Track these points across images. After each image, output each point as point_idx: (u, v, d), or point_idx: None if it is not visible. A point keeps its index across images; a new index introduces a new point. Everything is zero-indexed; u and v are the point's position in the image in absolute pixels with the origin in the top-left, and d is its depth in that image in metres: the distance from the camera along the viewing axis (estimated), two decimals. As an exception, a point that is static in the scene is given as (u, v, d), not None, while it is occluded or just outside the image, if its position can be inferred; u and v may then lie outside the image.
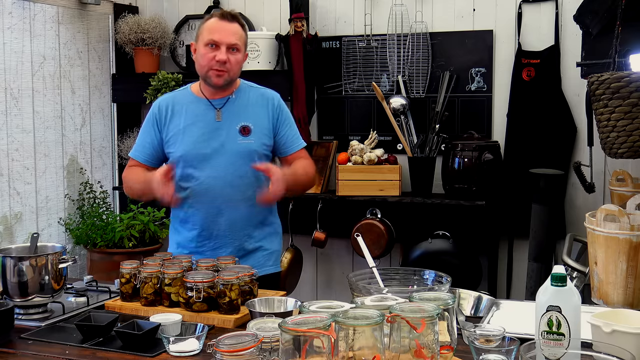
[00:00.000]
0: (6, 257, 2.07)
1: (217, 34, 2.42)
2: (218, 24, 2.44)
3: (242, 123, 2.48)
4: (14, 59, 3.66)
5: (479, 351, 1.60)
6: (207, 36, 2.43)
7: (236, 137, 2.47)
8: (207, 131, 2.47)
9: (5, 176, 3.62)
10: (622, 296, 2.25)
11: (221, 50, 2.42)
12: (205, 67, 2.45)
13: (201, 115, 2.50)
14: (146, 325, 1.86)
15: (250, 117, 2.50)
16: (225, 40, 2.42)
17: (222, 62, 2.41)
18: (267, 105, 2.54)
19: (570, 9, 3.50)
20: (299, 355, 1.41)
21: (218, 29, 2.43)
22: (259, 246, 2.55)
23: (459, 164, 3.62)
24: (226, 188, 2.45)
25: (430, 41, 3.86)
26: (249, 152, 2.47)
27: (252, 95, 2.56)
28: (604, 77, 2.60)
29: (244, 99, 2.54)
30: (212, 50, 2.42)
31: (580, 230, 3.35)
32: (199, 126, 2.48)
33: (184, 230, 2.55)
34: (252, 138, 2.48)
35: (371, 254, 2.31)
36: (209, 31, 2.44)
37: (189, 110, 2.51)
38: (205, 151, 2.45)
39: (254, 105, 2.53)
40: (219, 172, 2.45)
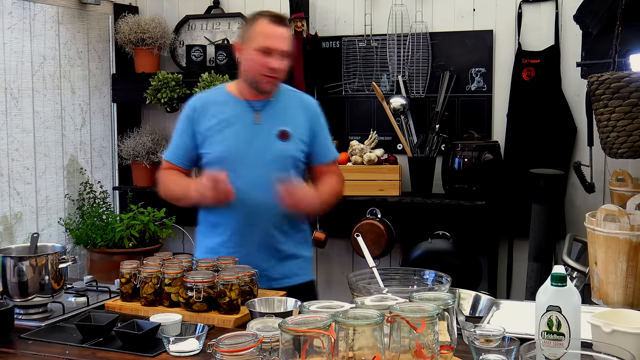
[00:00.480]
0: (6, 257, 2.07)
1: (270, 40, 2.33)
2: (271, 29, 2.34)
3: (281, 127, 2.40)
4: (14, 59, 3.66)
5: (479, 351, 1.60)
6: (260, 41, 2.33)
7: (275, 142, 2.39)
8: (245, 133, 2.39)
9: (5, 176, 3.62)
10: (622, 296, 2.25)
11: (274, 57, 2.33)
12: (255, 72, 2.35)
13: (239, 116, 2.41)
14: (146, 325, 1.86)
15: (289, 122, 2.42)
16: (279, 47, 2.34)
17: (275, 69, 2.34)
18: (306, 111, 2.48)
19: (570, 9, 3.50)
20: (299, 355, 1.41)
21: (271, 35, 2.33)
22: (292, 254, 2.47)
23: (459, 164, 3.62)
24: (261, 193, 2.35)
25: (430, 41, 3.86)
26: (286, 157, 2.40)
27: (291, 100, 2.48)
28: (604, 77, 2.60)
29: (284, 102, 2.46)
30: (264, 56, 2.33)
31: (580, 230, 3.35)
32: (236, 128, 2.40)
33: (214, 235, 2.45)
34: (291, 143, 2.41)
35: (371, 254, 2.31)
36: (263, 36, 2.33)
37: (227, 111, 2.42)
38: (242, 154, 2.38)
39: (294, 110, 2.46)
40: (255, 176, 2.36)
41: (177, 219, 4.11)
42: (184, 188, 2.39)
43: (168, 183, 2.48)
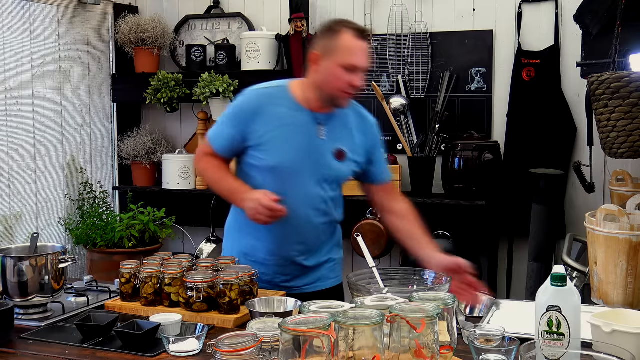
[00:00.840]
0: (6, 257, 2.07)
1: (356, 57, 2.20)
2: (357, 45, 2.21)
3: (338, 146, 2.31)
4: (14, 59, 3.66)
5: (479, 351, 1.60)
6: (346, 58, 2.19)
7: (330, 160, 2.30)
8: (306, 146, 2.28)
9: (5, 176, 3.62)
10: (622, 296, 2.25)
11: (358, 75, 2.22)
12: (336, 89, 2.22)
13: (303, 127, 2.28)
14: (146, 325, 1.86)
15: (347, 141, 2.33)
16: (364, 65, 2.22)
17: (357, 87, 2.23)
18: (365, 131, 2.39)
19: (570, 9, 3.50)
20: (299, 355, 1.41)
21: (357, 51, 2.20)
22: (326, 259, 2.44)
23: (459, 164, 3.62)
24: (308, 209, 2.31)
25: (430, 41, 3.86)
26: (339, 177, 2.35)
27: (352, 116, 2.37)
28: (604, 77, 2.60)
29: (344, 118, 2.35)
30: (348, 73, 2.20)
31: (580, 230, 3.35)
32: (298, 139, 2.28)
33: (251, 237, 2.37)
34: (345, 164, 2.33)
35: (371, 254, 2.31)
36: (349, 52, 2.19)
37: (289, 118, 2.28)
38: (298, 167, 2.27)
39: (353, 128, 2.36)
40: (306, 193, 2.29)
41: (177, 219, 4.11)
42: (232, 191, 2.30)
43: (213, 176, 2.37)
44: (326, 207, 2.35)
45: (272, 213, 2.17)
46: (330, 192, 2.34)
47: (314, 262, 2.41)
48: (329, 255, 2.45)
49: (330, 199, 2.35)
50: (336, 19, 2.33)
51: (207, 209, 4.08)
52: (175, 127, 4.47)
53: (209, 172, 2.39)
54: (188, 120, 4.40)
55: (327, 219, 2.38)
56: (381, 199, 2.49)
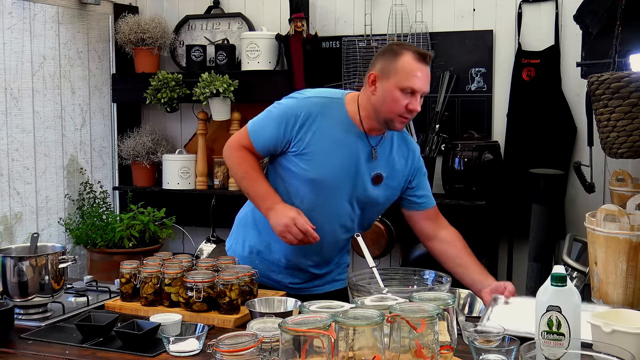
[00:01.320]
0: (6, 257, 2.07)
1: (418, 81, 2.14)
2: (417, 68, 2.14)
3: (377, 170, 2.27)
4: (14, 59, 3.66)
5: (479, 351, 1.60)
6: (405, 81, 2.13)
7: (367, 184, 2.26)
8: (351, 167, 2.23)
9: (5, 176, 3.62)
10: (622, 296, 2.25)
11: (417, 99, 2.16)
12: (393, 112, 2.16)
13: (352, 146, 2.23)
14: (146, 325, 1.86)
15: (387, 166, 2.29)
16: (424, 90, 2.16)
17: (415, 112, 2.17)
18: (407, 156, 2.34)
19: (570, 9, 3.50)
20: (299, 355, 1.41)
21: (418, 74, 2.14)
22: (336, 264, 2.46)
23: (459, 164, 3.61)
24: (335, 225, 2.30)
25: (430, 41, 3.86)
26: (372, 201, 2.31)
27: (395, 141, 2.32)
28: (604, 77, 2.60)
29: (389, 142, 2.30)
30: (407, 97, 2.14)
31: (580, 230, 3.35)
32: (345, 158, 2.23)
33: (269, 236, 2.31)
34: (380, 188, 2.29)
35: (371, 254, 2.31)
36: (409, 75, 2.13)
37: (340, 134, 2.22)
38: (338, 187, 2.24)
39: (395, 153, 2.31)
40: (337, 211, 2.27)
41: (177, 219, 4.11)
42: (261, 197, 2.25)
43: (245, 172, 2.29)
44: (351, 225, 2.35)
45: (304, 237, 2.15)
46: (358, 211, 2.32)
47: (325, 271, 2.43)
48: (339, 261, 2.48)
49: (357, 217, 2.34)
50: (398, 42, 2.29)
51: (207, 209, 4.08)
52: (175, 127, 4.47)
53: (242, 167, 2.29)
54: (188, 120, 4.40)
55: (349, 235, 2.39)
56: (424, 226, 2.45)
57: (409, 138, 2.39)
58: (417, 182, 2.38)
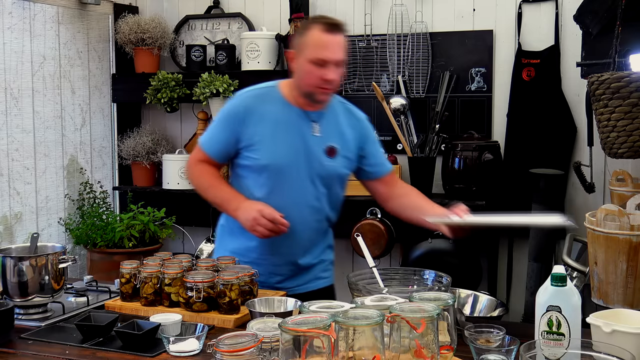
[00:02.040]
0: (6, 257, 2.07)
1: (325, 51, 2.20)
2: (325, 39, 2.20)
3: (329, 143, 2.32)
4: (14, 59, 3.66)
5: (479, 351, 1.60)
6: (314, 53, 2.20)
7: (322, 158, 2.31)
8: (299, 145, 2.29)
9: (5, 176, 3.62)
10: (622, 296, 2.25)
11: (329, 68, 2.21)
12: (311, 85, 2.24)
13: (294, 125, 2.30)
14: (146, 325, 1.86)
15: (337, 138, 2.34)
16: (334, 58, 2.21)
17: (331, 81, 2.22)
18: (355, 127, 2.39)
19: (570, 9, 3.50)
20: (299, 355, 1.41)
21: (326, 45, 2.20)
22: (318, 260, 2.45)
23: (459, 164, 3.61)
24: (303, 208, 2.32)
25: (430, 41, 3.86)
26: (331, 174, 2.34)
27: (340, 113, 2.38)
28: (604, 77, 2.60)
29: (334, 115, 2.36)
30: (319, 68, 2.21)
31: (580, 230, 3.35)
32: (290, 138, 2.29)
33: (244, 238, 2.35)
34: (337, 160, 2.33)
35: (371, 254, 2.31)
36: (316, 47, 2.21)
37: (280, 117, 2.30)
38: (292, 166, 2.28)
39: (344, 125, 2.37)
40: (299, 190, 2.30)
41: (177, 219, 4.11)
42: (226, 201, 2.31)
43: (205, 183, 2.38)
44: (319, 205, 2.36)
45: (274, 226, 2.17)
46: (322, 189, 2.34)
47: (307, 262, 2.42)
48: (321, 257, 2.47)
49: (323, 196, 2.35)
50: (313, 17, 2.34)
51: (207, 209, 4.07)
52: (175, 127, 4.47)
53: (202, 179, 2.39)
54: (188, 120, 4.40)
55: (320, 217, 2.39)
56: (380, 191, 2.50)
57: (353, 109, 2.45)
58: (368, 151, 2.43)
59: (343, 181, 2.42)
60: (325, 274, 2.50)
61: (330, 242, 2.53)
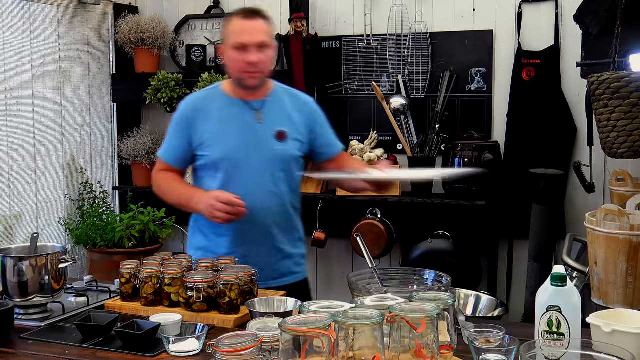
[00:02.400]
0: (6, 257, 2.07)
1: (243, 35, 2.31)
2: (242, 25, 2.33)
3: (278, 128, 2.38)
4: (14, 59, 3.66)
5: (479, 351, 1.60)
6: (233, 39, 2.32)
7: (272, 143, 2.37)
8: (245, 134, 2.37)
9: (5, 176, 3.62)
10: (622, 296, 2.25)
11: (250, 51, 2.31)
12: (237, 70, 2.35)
13: (238, 116, 2.39)
14: (146, 325, 1.86)
15: (285, 123, 2.40)
16: (253, 41, 2.30)
17: (254, 63, 2.31)
18: (302, 110, 2.46)
19: (570, 9, 3.50)
20: (299, 355, 1.41)
21: (244, 30, 2.32)
22: (289, 253, 2.47)
23: (459, 164, 3.61)
24: (262, 194, 2.36)
25: (430, 41, 3.86)
26: (285, 157, 2.39)
27: (286, 99, 2.46)
28: (604, 77, 2.60)
29: (279, 102, 2.44)
30: (241, 53, 2.31)
31: (580, 230, 3.35)
32: (236, 128, 2.37)
33: (213, 235, 2.42)
34: (288, 144, 2.39)
35: (371, 254, 2.31)
36: (235, 33, 2.33)
37: (224, 112, 2.40)
38: (242, 155, 2.35)
39: (289, 109, 2.44)
40: (256, 178, 2.35)
41: (177, 219, 4.11)
42: (187, 198, 2.37)
43: (167, 188, 2.45)
44: (278, 190, 2.40)
45: (231, 208, 2.22)
46: (280, 173, 2.39)
47: (276, 254, 2.43)
48: (292, 250, 2.49)
49: (281, 180, 2.39)
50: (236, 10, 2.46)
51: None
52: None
53: (163, 186, 2.47)
54: (188, 120, 4.40)
55: (281, 201, 2.42)
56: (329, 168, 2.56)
57: (299, 93, 2.54)
58: (318, 132, 2.49)
59: (299, 163, 2.46)
60: (298, 269, 2.52)
61: (301, 234, 2.56)
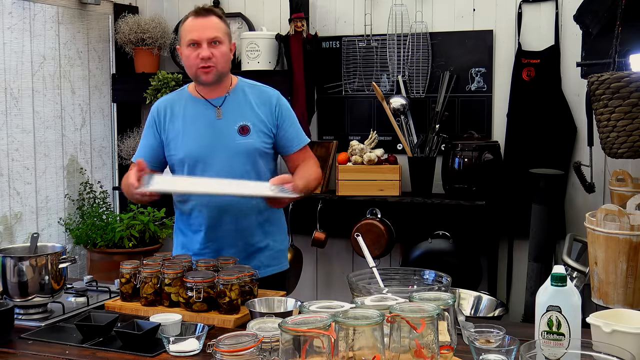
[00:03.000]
0: (6, 257, 2.07)
1: (194, 32, 2.39)
2: (194, 22, 2.41)
3: (240, 123, 2.44)
4: (14, 59, 3.66)
5: (479, 351, 1.60)
6: (186, 37, 2.41)
7: (235, 137, 2.43)
8: (207, 131, 2.43)
9: (5, 176, 3.62)
10: (622, 296, 2.25)
11: (202, 47, 2.38)
12: (192, 67, 2.41)
13: (200, 115, 2.46)
14: (146, 325, 1.86)
15: (248, 117, 2.46)
16: (204, 37, 2.38)
17: (206, 58, 2.37)
18: (265, 103, 2.49)
19: (570, 9, 3.50)
20: (299, 355, 1.41)
21: (195, 27, 2.40)
22: (265, 245, 2.51)
23: (459, 164, 3.62)
24: None
25: (430, 41, 3.86)
26: (249, 150, 2.43)
27: (250, 94, 2.51)
28: (604, 77, 2.61)
29: (242, 97, 2.50)
30: (194, 49, 2.39)
31: (580, 230, 3.35)
32: (198, 126, 2.45)
33: (189, 232, 2.51)
34: (252, 137, 2.44)
35: (371, 254, 2.31)
36: (187, 31, 2.41)
37: (187, 111, 2.48)
38: (206, 152, 2.42)
39: (252, 104, 2.48)
40: (220, 173, 2.39)
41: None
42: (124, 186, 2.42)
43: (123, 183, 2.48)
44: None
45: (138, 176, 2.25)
46: (246, 166, 2.42)
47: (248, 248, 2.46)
48: (266, 241, 2.51)
49: (248, 173, 2.42)
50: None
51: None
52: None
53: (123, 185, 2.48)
54: (188, 120, 4.40)
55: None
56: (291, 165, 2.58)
57: (264, 88, 2.56)
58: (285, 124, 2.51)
59: (266, 155, 2.49)
60: (274, 262, 2.54)
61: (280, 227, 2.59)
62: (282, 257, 2.60)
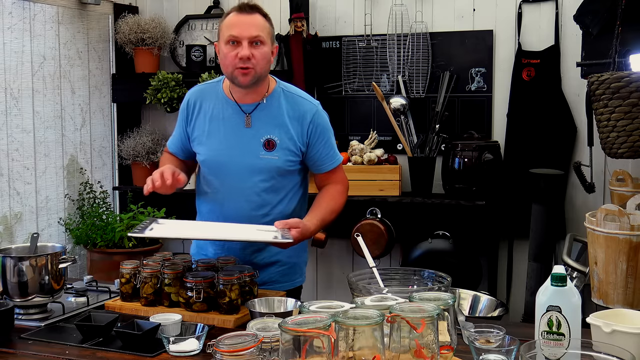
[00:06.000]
0: (6, 257, 2.07)
1: (236, 28, 2.21)
2: (236, 18, 2.23)
3: (267, 136, 2.27)
4: (14, 59, 3.66)
5: (479, 351, 1.60)
6: (226, 33, 2.22)
7: (259, 151, 2.27)
8: (232, 139, 2.29)
9: (5, 176, 3.62)
10: (622, 296, 2.25)
11: (243, 45, 2.20)
12: (229, 66, 2.23)
13: (228, 119, 2.31)
14: (146, 325, 1.86)
15: (277, 131, 2.28)
16: (246, 34, 2.20)
17: (245, 58, 2.19)
18: (299, 119, 2.30)
19: (570, 8, 3.50)
20: (299, 355, 1.41)
21: (237, 23, 2.22)
22: (275, 260, 2.38)
23: (459, 164, 3.62)
24: (242, 202, 2.30)
25: (430, 41, 3.86)
26: (271, 168, 2.28)
27: (285, 104, 2.31)
28: (604, 77, 2.61)
29: (275, 107, 2.31)
30: (233, 47, 2.21)
31: (580, 230, 3.35)
32: (223, 131, 2.31)
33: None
34: (276, 154, 2.28)
35: (371, 254, 2.31)
36: (228, 27, 2.23)
37: (216, 112, 2.33)
38: (227, 160, 2.30)
39: (285, 116, 2.30)
40: (237, 184, 2.29)
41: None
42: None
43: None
44: (260, 200, 2.30)
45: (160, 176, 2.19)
46: (264, 183, 2.29)
47: (261, 259, 2.36)
48: (278, 257, 2.38)
49: (265, 191, 2.30)
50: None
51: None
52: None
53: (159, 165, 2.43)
54: (188, 120, 4.40)
55: (266, 211, 2.32)
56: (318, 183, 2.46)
57: (301, 100, 2.35)
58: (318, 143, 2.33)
59: (290, 173, 2.33)
60: (284, 278, 2.41)
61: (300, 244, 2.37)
62: (293, 275, 2.45)
